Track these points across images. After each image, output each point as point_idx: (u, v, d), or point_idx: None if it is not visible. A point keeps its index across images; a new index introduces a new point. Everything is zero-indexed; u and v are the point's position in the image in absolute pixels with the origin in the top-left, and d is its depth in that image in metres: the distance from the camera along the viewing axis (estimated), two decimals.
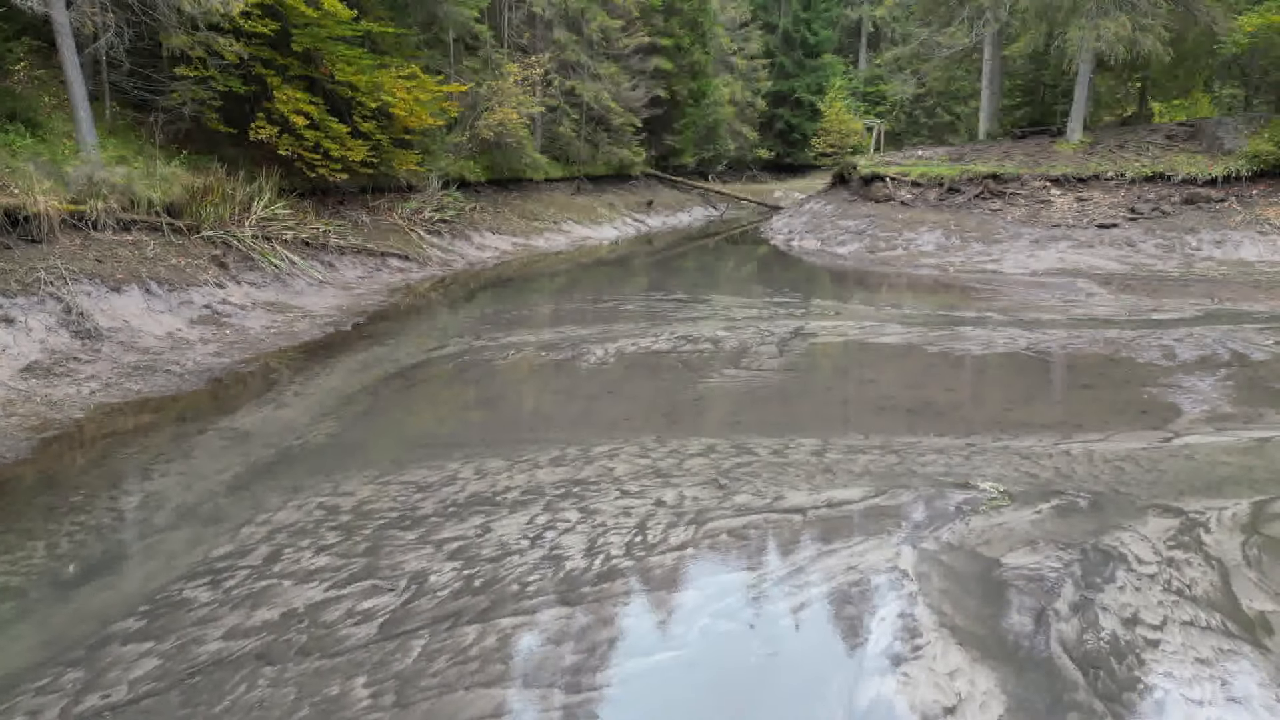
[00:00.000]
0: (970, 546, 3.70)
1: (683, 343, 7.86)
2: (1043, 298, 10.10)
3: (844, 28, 41.85)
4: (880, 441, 5.08)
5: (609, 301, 10.35)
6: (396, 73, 14.07)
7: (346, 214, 13.85)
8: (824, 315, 9.25)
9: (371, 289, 11.30)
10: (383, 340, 8.15)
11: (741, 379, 6.57)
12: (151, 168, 10.52)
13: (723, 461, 4.77)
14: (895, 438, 5.15)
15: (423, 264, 13.37)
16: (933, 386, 6.36)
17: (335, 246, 12.15)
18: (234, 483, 4.58)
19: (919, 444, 5.03)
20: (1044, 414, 5.62)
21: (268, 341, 8.02)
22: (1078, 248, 13.06)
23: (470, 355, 7.47)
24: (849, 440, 5.11)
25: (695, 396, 6.12)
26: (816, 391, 6.35)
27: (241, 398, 6.18)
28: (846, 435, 5.21)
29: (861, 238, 15.54)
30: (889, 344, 7.74)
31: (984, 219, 15.00)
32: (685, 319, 9.07)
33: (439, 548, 3.74)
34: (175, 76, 11.45)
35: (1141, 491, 4.30)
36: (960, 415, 5.65)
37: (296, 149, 12.47)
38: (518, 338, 8.22)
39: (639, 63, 23.13)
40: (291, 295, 10.17)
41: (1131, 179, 14.95)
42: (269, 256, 10.73)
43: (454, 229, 15.58)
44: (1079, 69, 16.40)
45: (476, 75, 18.71)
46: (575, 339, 8.08)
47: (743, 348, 7.62)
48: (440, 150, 17.21)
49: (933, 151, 19.03)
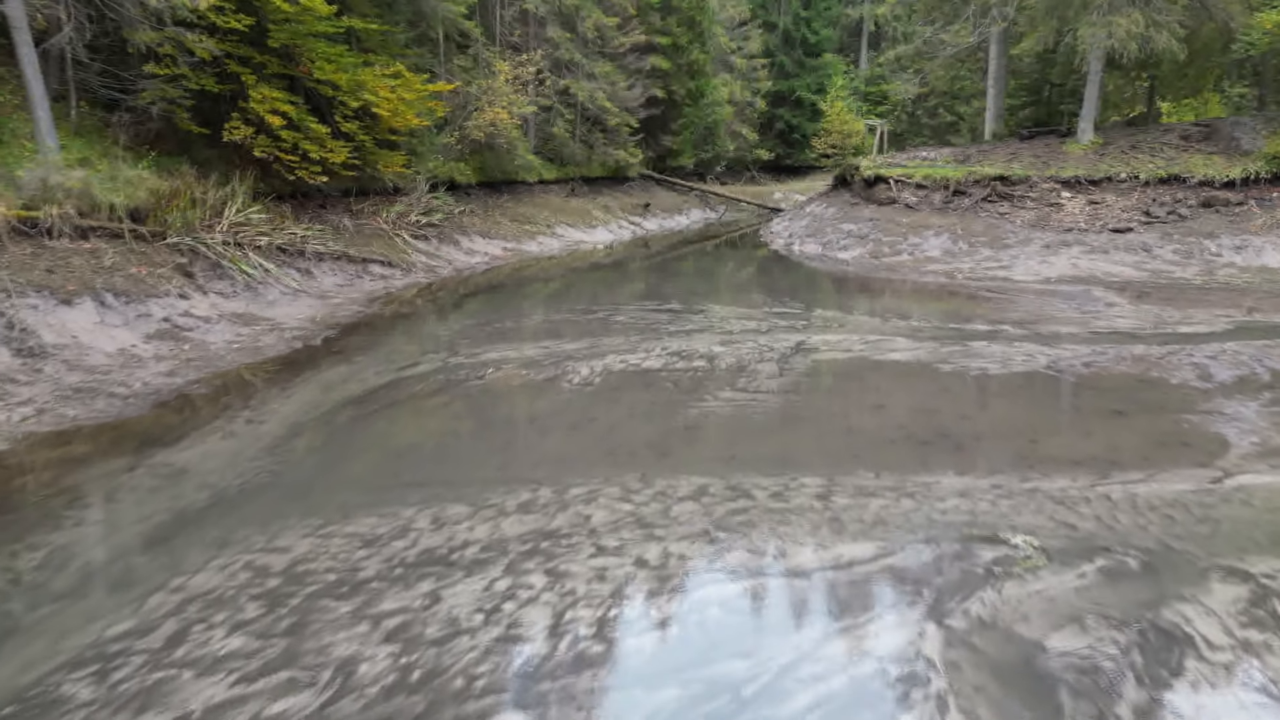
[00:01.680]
0: (1006, 624, 3.11)
1: (675, 360, 7.28)
2: (1058, 308, 9.51)
3: (845, 27, 41.30)
4: (893, 481, 4.50)
5: (599, 312, 9.77)
6: (381, 71, 13.51)
7: (328, 218, 13.28)
8: (827, 328, 8.67)
9: (350, 298, 10.72)
10: (352, 357, 7.56)
11: (738, 403, 5.99)
12: (116, 170, 9.95)
13: (715, 507, 4.19)
14: (909, 476, 4.57)
15: (406, 271, 12.79)
16: (948, 412, 5.78)
17: (313, 253, 11.57)
18: (155, 534, 4.00)
19: (937, 484, 4.45)
20: (1075, 447, 5.03)
21: (228, 358, 7.44)
22: (1091, 253, 12.47)
23: (444, 375, 6.89)
24: (858, 480, 4.53)
25: (686, 424, 5.54)
26: (820, 418, 5.77)
27: (186, 425, 5.60)
28: (855, 473, 4.63)
29: (865, 242, 14.96)
30: (897, 361, 7.15)
31: (992, 223, 14.41)
32: (679, 332, 8.49)
33: (376, 625, 3.15)
34: (144, 75, 10.88)
35: (1198, 548, 3.71)
36: (981, 448, 5.07)
37: (273, 150, 11.91)
38: (498, 354, 7.63)
39: (635, 62, 22.56)
40: (262, 306, 9.59)
41: (1145, 181, 14.36)
42: (240, 264, 10.15)
43: (442, 233, 15.00)
44: (1089, 67, 15.82)
45: (467, 74, 18.14)
46: (560, 355, 7.49)
47: (740, 365, 7.04)
48: (429, 152, 16.63)
49: (937, 152, 18.45)
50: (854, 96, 35.25)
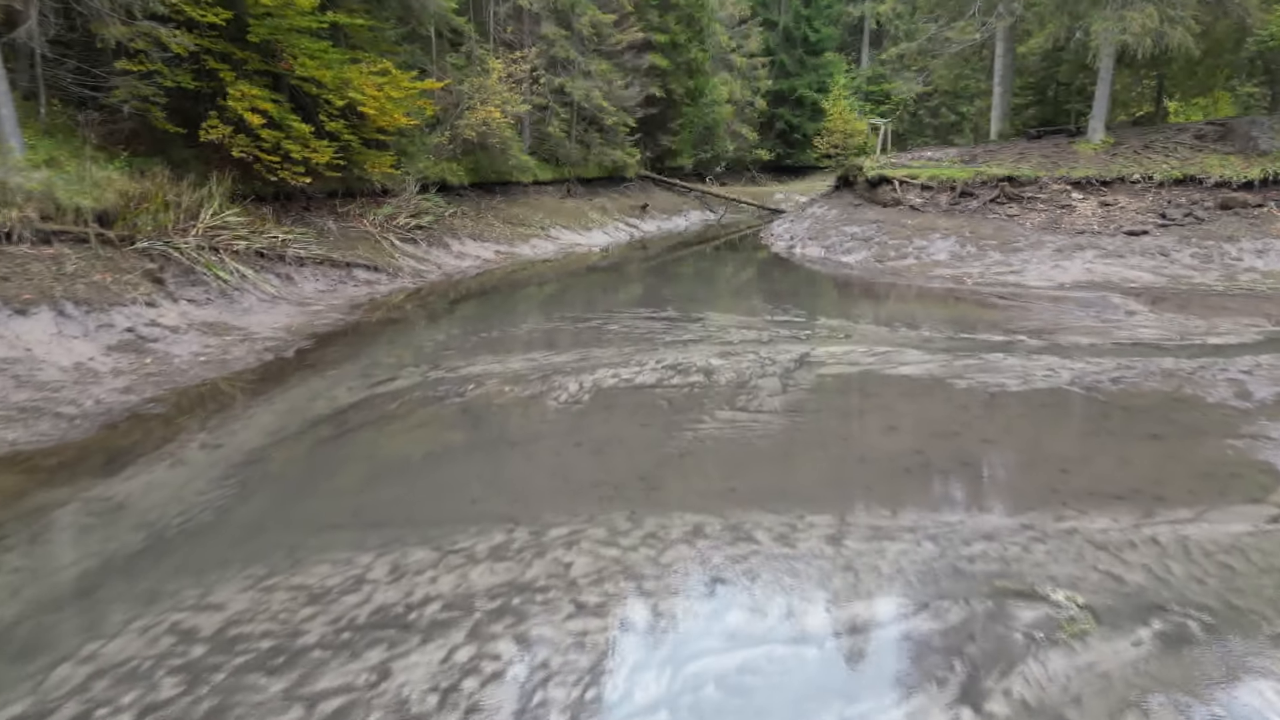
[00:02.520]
0: (1056, 709, 2.63)
1: (671, 374, 6.79)
2: (1076, 316, 9.02)
3: (846, 25, 40.81)
4: (911, 521, 4.01)
5: (592, 320, 9.29)
6: (368, 69, 13.04)
7: (312, 220, 12.79)
8: (832, 338, 8.18)
9: (331, 305, 10.23)
10: (325, 371, 7.08)
11: (738, 424, 5.51)
12: (83, 171, 9.47)
13: (712, 553, 3.71)
14: (930, 514, 4.08)
15: (393, 275, 12.30)
16: (968, 436, 5.30)
17: (294, 257, 11.09)
18: (77, 586, 3.52)
19: (961, 525, 3.97)
20: (1112, 478, 4.55)
21: (192, 372, 6.95)
22: (1106, 257, 11.98)
23: (421, 392, 6.40)
24: (872, 519, 4.04)
25: (681, 450, 5.06)
26: (829, 443, 5.28)
27: (133, 451, 5.11)
28: (869, 510, 4.14)
29: (869, 245, 14.47)
30: (909, 377, 6.67)
31: (1001, 225, 13.92)
32: (675, 342, 8.01)
33: (311, 709, 2.67)
34: (116, 71, 10.40)
35: (1266, 606, 3.23)
36: (1008, 480, 4.58)
37: (253, 151, 11.42)
38: (482, 367, 7.15)
39: (633, 60, 22.07)
40: (236, 314, 9.11)
41: (1160, 182, 13.88)
42: (215, 269, 9.67)
43: (431, 236, 14.51)
44: (1101, 64, 15.33)
45: (460, 72, 17.66)
46: (548, 369, 7.01)
47: (740, 381, 6.55)
48: (419, 152, 16.15)
49: (942, 153, 17.96)
50: (855, 96, 34.75)
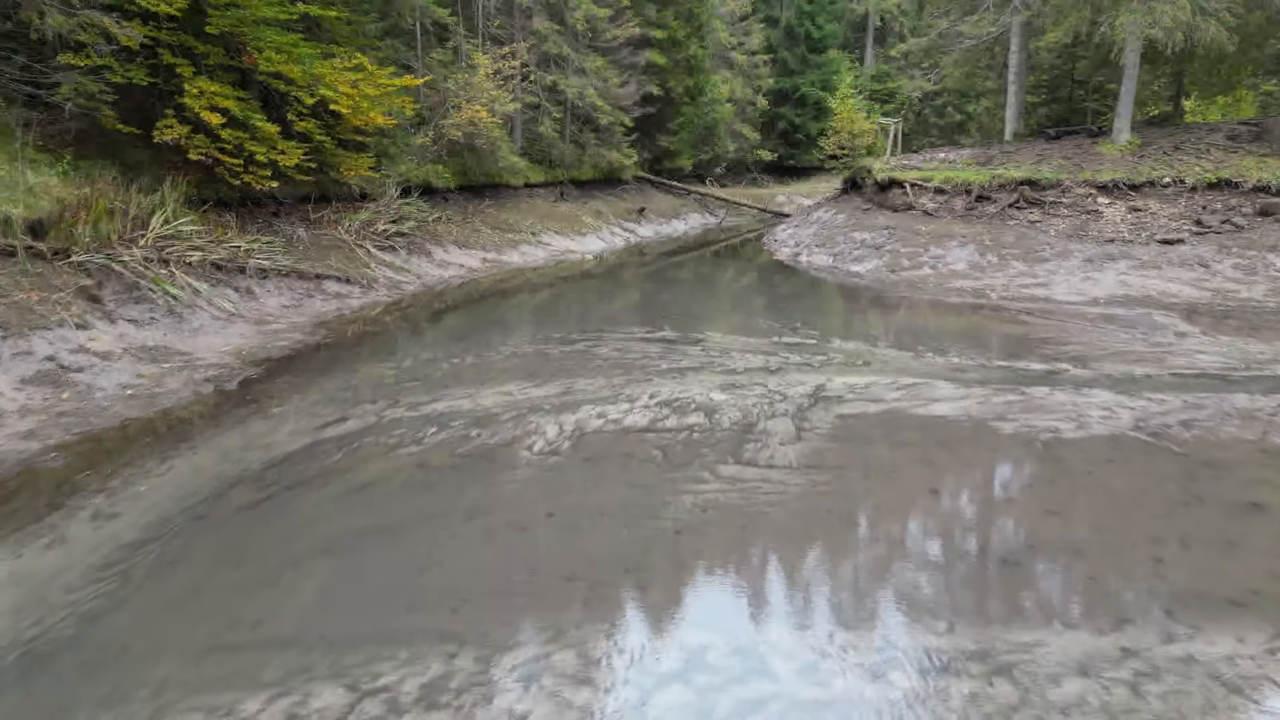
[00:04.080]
0: None
1: (665, 413, 5.86)
2: (1121, 339, 8.07)
3: (850, 22, 39.87)
4: (975, 641, 3.07)
5: (579, 341, 8.35)
6: (342, 64, 12.09)
7: (280, 228, 11.85)
8: (849, 365, 7.24)
9: (293, 323, 9.29)
10: (268, 407, 6.13)
11: (746, 486, 4.57)
12: (17, 176, 8.55)
13: (717, 698, 2.77)
14: (999, 632, 3.14)
15: (367, 288, 11.36)
16: (1026, 505, 4.36)
17: (256, 269, 10.15)
18: None
19: (1043, 649, 3.02)
20: (1220, 572, 3.61)
21: (114, 410, 6.01)
22: (1141, 268, 11.04)
23: (373, 437, 5.46)
24: (925, 636, 3.10)
25: (678, 526, 4.12)
26: (858, 516, 4.34)
27: (7, 526, 4.17)
28: (919, 623, 3.20)
29: (881, 253, 13.53)
30: (943, 419, 5.73)
31: (1023, 232, 12.98)
32: (672, 370, 7.07)
33: None
34: (59, 66, 9.48)
35: None
36: (1089, 575, 3.64)
37: (212, 152, 10.49)
38: (448, 403, 6.21)
39: (629, 56, 21.12)
40: (183, 336, 8.17)
41: (1193, 186, 12.94)
42: (164, 285, 8.74)
43: (412, 244, 13.57)
44: (1126, 60, 14.40)
45: (446, 69, 16.72)
46: (524, 405, 6.07)
47: (746, 423, 5.62)
48: (401, 153, 15.21)
49: (956, 154, 17.03)
50: (860, 95, 33.81)
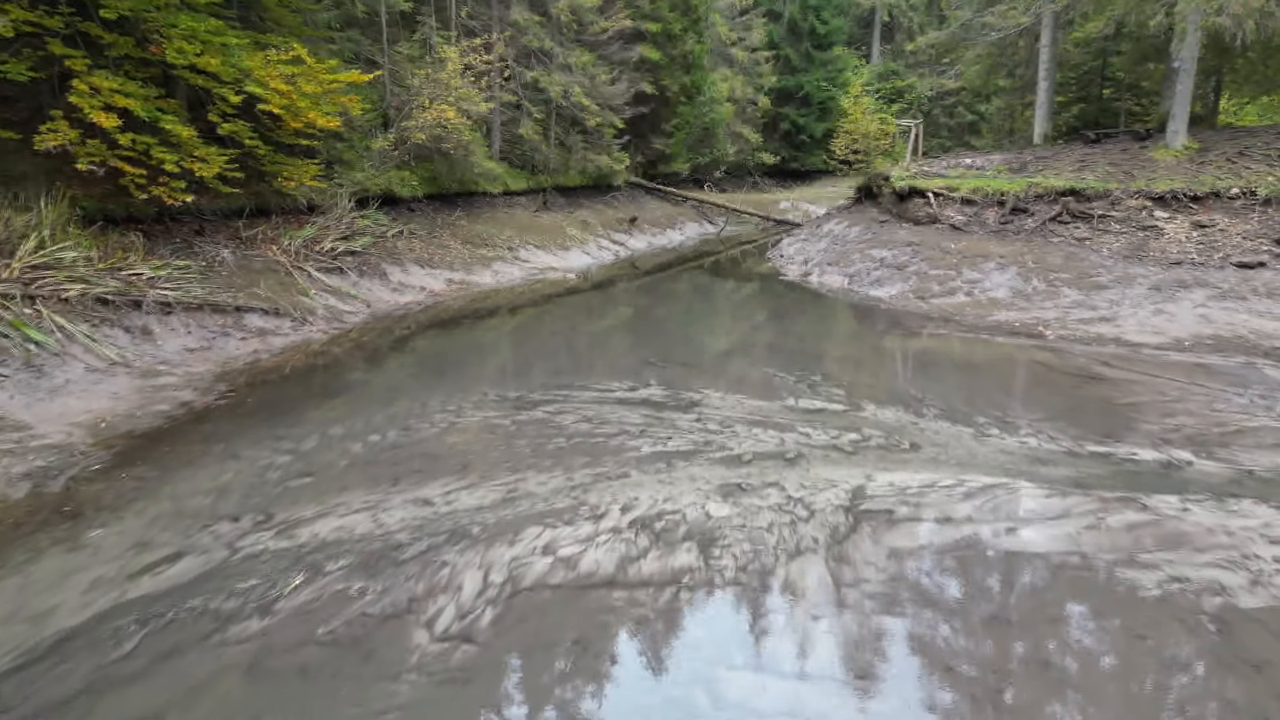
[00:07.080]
0: None
1: (643, 545, 4.07)
2: (1235, 404, 6.27)
3: (856, 18, 38.07)
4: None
5: (539, 403, 6.56)
6: (276, 56, 10.31)
7: (202, 249, 10.04)
8: (892, 448, 5.45)
9: (190, 374, 7.48)
10: (85, 531, 4.33)
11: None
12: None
13: None
14: None
15: (300, 321, 9.54)
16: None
17: (158, 302, 8.35)
18: None
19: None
20: None
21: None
22: (1222, 299, 9.25)
23: (203, 599, 3.65)
24: None
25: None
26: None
27: None
28: None
29: (905, 275, 11.74)
30: (1042, 559, 3.93)
31: (1071, 252, 11.19)
32: (656, 456, 5.28)
33: None
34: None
35: None
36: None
37: (109, 160, 8.72)
38: (338, 521, 4.41)
39: (620, 52, 19.32)
40: (35, 398, 6.37)
41: (1266, 199, 11.16)
42: (25, 328, 6.97)
43: (365, 264, 11.76)
44: (1184, 53, 12.61)
45: (414, 63, 14.92)
46: (439, 529, 4.28)
47: (759, 567, 3.83)
48: (358, 159, 13.41)
49: (984, 159, 15.23)
50: (873, 94, 31.99)
